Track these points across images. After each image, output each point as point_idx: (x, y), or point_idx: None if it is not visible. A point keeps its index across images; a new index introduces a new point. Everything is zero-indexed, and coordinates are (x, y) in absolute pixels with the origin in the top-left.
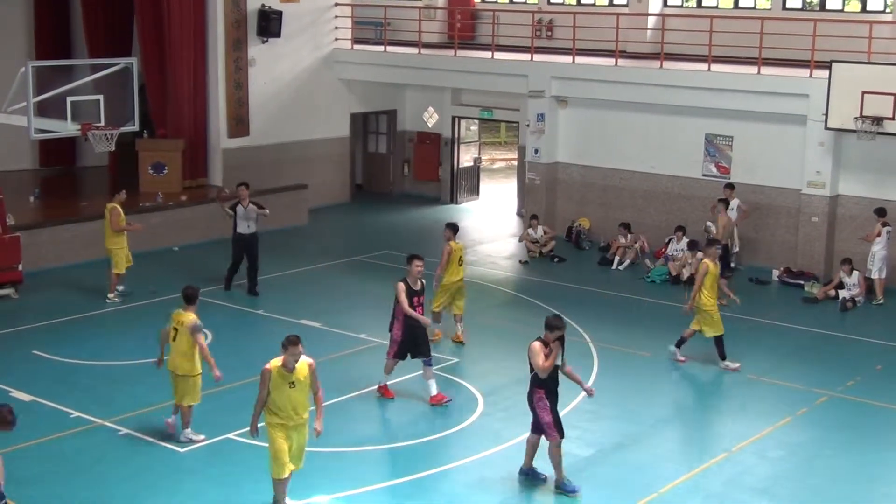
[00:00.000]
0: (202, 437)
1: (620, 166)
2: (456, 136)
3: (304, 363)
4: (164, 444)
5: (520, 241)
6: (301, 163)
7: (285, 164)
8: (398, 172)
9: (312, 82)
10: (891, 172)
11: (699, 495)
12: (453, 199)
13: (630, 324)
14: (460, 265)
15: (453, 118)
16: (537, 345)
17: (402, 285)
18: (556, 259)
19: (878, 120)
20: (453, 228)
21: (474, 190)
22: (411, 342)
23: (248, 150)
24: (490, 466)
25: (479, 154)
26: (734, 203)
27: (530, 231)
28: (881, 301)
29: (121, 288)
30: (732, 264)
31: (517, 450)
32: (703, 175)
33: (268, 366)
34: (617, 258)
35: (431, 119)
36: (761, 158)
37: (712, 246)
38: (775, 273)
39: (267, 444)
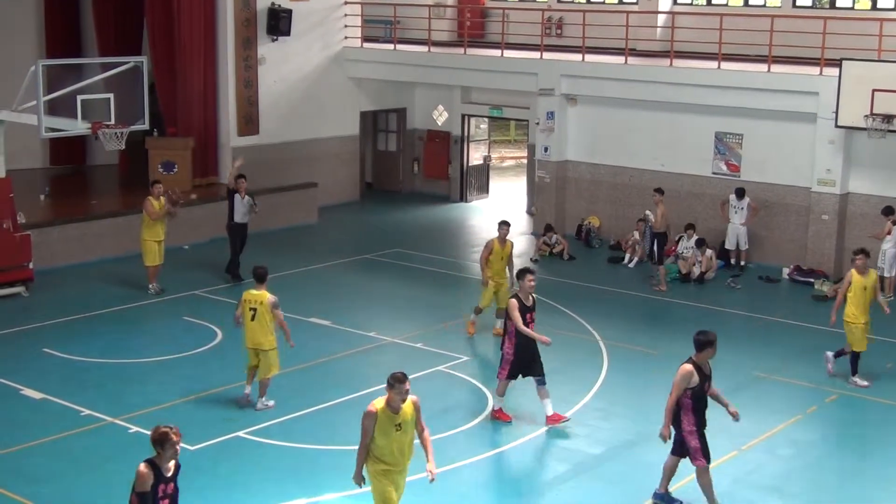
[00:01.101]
0: (273, 402)
1: (630, 164)
2: (465, 134)
3: (409, 402)
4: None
5: (535, 251)
6: (311, 161)
7: (295, 163)
8: (408, 171)
9: (322, 81)
10: None
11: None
12: (463, 198)
13: (640, 322)
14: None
15: (463, 116)
16: (688, 367)
17: (514, 301)
18: (568, 258)
19: (888, 118)
20: (507, 225)
21: (484, 188)
22: (524, 361)
23: (257, 148)
24: (499, 465)
25: (489, 152)
26: (744, 202)
27: (545, 239)
28: (891, 297)
29: (153, 285)
30: (742, 262)
31: (525, 449)
32: (713, 173)
33: (371, 407)
34: (627, 255)
35: (441, 117)
36: (771, 156)
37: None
38: (785, 271)
39: (370, 489)
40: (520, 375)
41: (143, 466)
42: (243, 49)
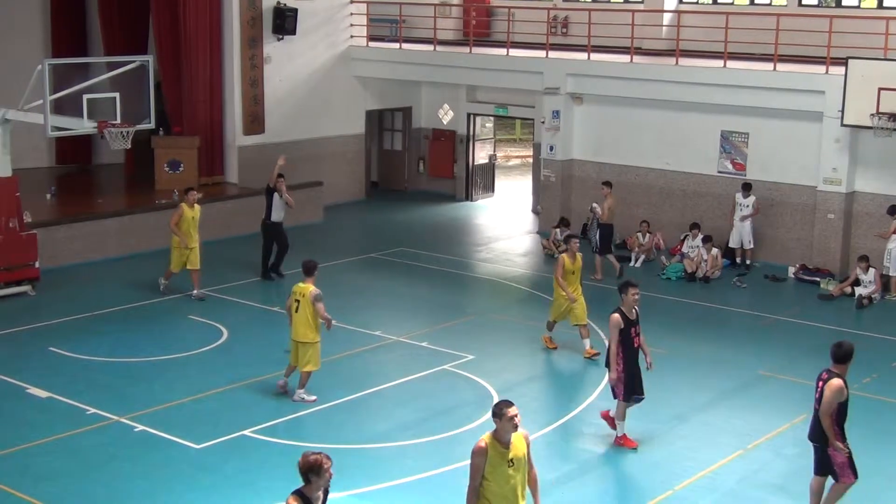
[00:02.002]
0: (314, 397)
1: (636, 163)
2: (471, 133)
3: (519, 435)
4: (179, 440)
5: (543, 239)
6: (316, 160)
7: (300, 162)
8: (413, 169)
9: (328, 79)
10: None
11: (715, 493)
12: (468, 197)
13: (645, 321)
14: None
15: (468, 115)
16: (836, 382)
17: (617, 317)
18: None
19: (894, 116)
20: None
21: (489, 187)
22: (633, 378)
23: (263, 147)
24: None
25: (495, 151)
26: (750, 199)
27: (556, 231)
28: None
29: (163, 281)
30: (749, 262)
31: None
32: (719, 172)
33: (480, 443)
34: (633, 254)
35: (447, 116)
36: (777, 155)
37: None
38: (791, 270)
39: None
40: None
41: (292, 500)
42: (249, 48)
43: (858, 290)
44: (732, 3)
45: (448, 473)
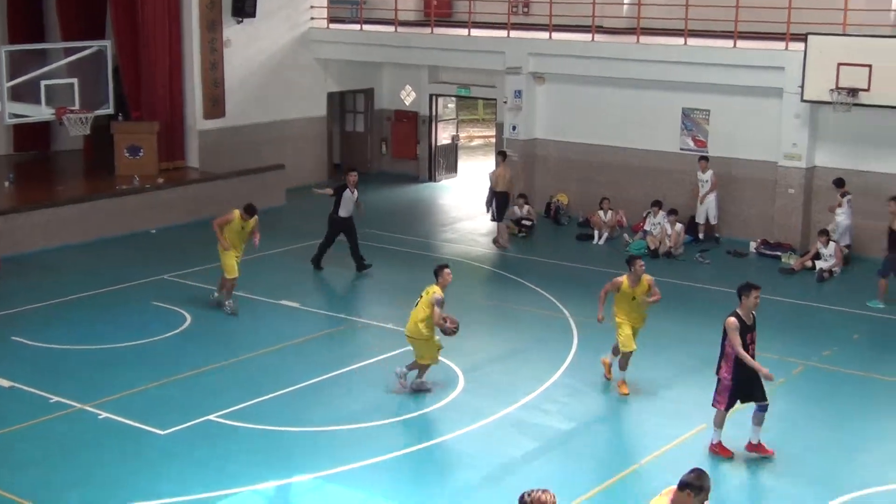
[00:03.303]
0: (430, 387)
1: (598, 141)
2: (433, 113)
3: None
4: (144, 427)
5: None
6: (278, 143)
7: (262, 145)
8: (376, 151)
9: (288, 62)
10: (866, 144)
11: (678, 466)
12: (432, 177)
13: (609, 298)
14: (633, 300)
15: (431, 96)
16: (731, 319)
17: (733, 320)
18: (521, 233)
19: (853, 91)
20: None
21: (452, 167)
22: (744, 385)
23: (224, 131)
24: (471, 443)
25: (457, 132)
26: (708, 174)
27: (515, 209)
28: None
29: (216, 294)
30: (717, 235)
31: (496, 426)
32: (681, 149)
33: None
34: (596, 232)
35: (409, 97)
36: (738, 131)
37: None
38: (752, 245)
39: None
40: (738, 402)
41: None
42: (208, 31)
43: (819, 264)
44: None
45: (418, 453)
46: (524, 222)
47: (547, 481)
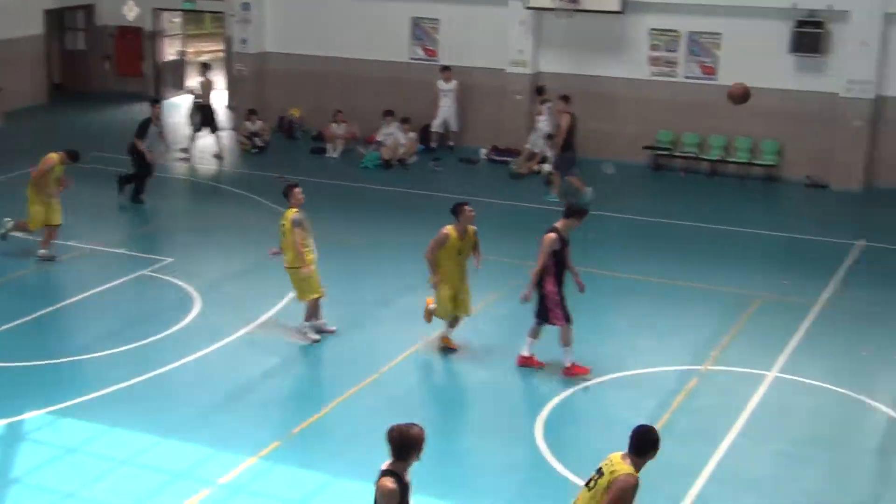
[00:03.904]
0: (315, 335)
1: (329, 53)
2: (158, 28)
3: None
4: None
5: (237, 133)
6: None
7: None
8: (99, 69)
9: None
10: (589, 49)
11: (415, 372)
12: (159, 95)
13: (343, 212)
14: (459, 255)
15: (154, 10)
16: (549, 235)
17: (554, 236)
18: (254, 149)
19: None
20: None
21: (180, 84)
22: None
23: None
24: (210, 364)
25: (184, 47)
26: (452, 84)
27: (248, 124)
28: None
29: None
30: (452, 144)
31: (237, 346)
32: (411, 59)
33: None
34: (330, 146)
35: (131, 12)
36: (467, 40)
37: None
38: (483, 152)
39: None
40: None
41: (388, 482)
42: None
43: (545, 167)
44: None
45: (151, 380)
46: (255, 139)
47: (289, 398)
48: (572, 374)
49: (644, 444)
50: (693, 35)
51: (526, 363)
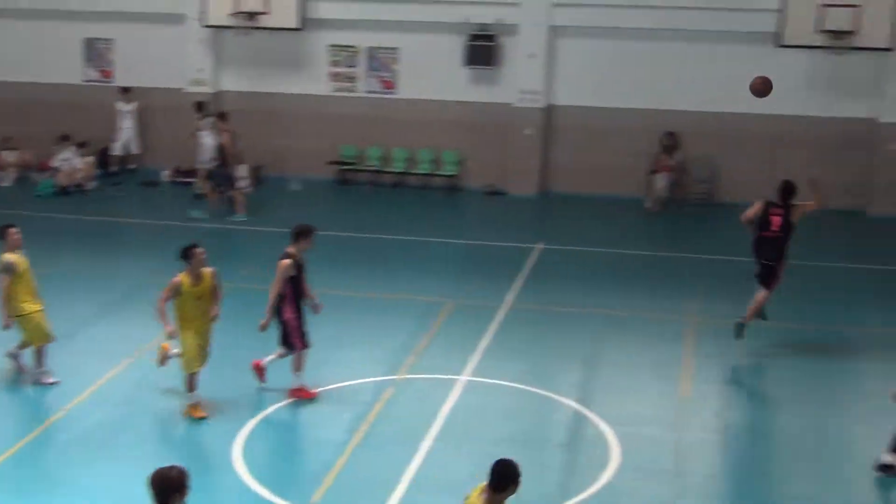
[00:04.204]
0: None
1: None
2: None
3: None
4: None
5: None
6: None
7: None
8: None
9: None
10: (270, 66)
11: (108, 403)
12: None
13: (29, 244)
14: (199, 300)
15: None
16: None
17: (289, 262)
18: None
19: (252, 15)
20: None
21: None
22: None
23: None
24: None
25: None
26: (132, 105)
27: None
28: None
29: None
30: (133, 166)
31: None
32: (85, 81)
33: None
34: (2, 174)
35: None
36: (144, 60)
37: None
38: (165, 174)
39: None
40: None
41: None
42: None
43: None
44: None
45: None
46: None
47: None
48: (299, 396)
49: (502, 479)
50: (372, 50)
51: (300, 395)
